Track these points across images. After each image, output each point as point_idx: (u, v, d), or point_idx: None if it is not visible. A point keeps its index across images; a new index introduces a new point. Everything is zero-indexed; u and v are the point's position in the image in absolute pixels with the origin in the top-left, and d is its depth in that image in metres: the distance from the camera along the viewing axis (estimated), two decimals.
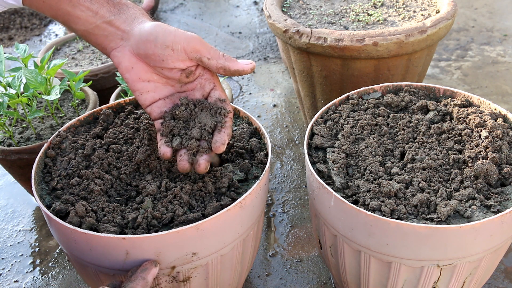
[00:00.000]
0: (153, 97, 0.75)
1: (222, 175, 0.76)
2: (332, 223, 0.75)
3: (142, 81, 0.73)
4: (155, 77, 0.73)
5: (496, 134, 0.77)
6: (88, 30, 0.71)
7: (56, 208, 0.70)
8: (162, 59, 0.70)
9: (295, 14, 1.26)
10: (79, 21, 0.70)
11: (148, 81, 0.73)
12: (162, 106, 0.76)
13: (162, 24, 0.71)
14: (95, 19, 0.70)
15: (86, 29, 0.71)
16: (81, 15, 0.70)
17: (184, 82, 0.75)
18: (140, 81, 0.73)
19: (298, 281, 1.03)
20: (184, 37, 0.69)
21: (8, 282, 1.08)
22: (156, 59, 0.70)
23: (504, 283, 1.00)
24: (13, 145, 1.06)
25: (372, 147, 0.80)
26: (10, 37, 2.26)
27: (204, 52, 0.70)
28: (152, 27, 0.70)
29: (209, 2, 2.51)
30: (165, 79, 0.74)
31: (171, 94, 0.76)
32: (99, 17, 0.70)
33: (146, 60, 0.71)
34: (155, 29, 0.70)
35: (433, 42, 1.10)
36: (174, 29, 0.70)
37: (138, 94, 0.74)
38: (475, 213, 0.68)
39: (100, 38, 0.72)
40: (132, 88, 0.74)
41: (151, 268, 0.65)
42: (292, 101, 1.65)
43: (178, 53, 0.69)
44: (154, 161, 0.78)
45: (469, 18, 2.12)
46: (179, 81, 0.74)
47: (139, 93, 0.74)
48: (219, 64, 0.71)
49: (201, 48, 0.70)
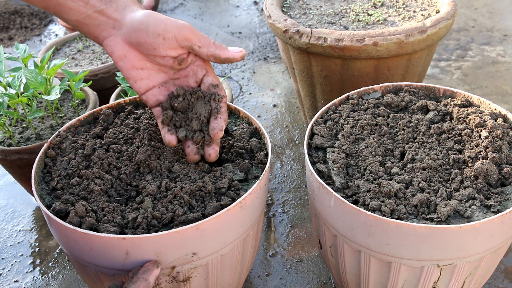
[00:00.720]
0: (147, 84, 0.76)
1: (222, 175, 0.76)
2: (332, 223, 0.75)
3: (135, 69, 0.74)
4: (149, 64, 0.74)
5: (496, 134, 0.77)
6: (79, 20, 0.72)
7: (56, 208, 0.70)
8: (154, 48, 0.71)
9: (295, 14, 1.26)
10: (71, 11, 0.71)
11: (142, 68, 0.74)
12: (157, 94, 0.77)
13: (153, 12, 0.71)
14: (86, 9, 0.71)
15: (78, 19, 0.72)
16: (72, 6, 0.71)
17: (177, 69, 0.76)
18: (133, 69, 0.74)
19: (298, 281, 1.03)
20: (175, 26, 0.70)
21: (8, 282, 1.08)
22: (148, 47, 0.71)
23: (504, 283, 1.00)
24: (13, 145, 1.06)
25: (372, 147, 0.80)
26: (10, 37, 2.26)
27: (195, 40, 0.71)
28: (143, 16, 0.71)
29: (209, 2, 2.51)
30: (158, 66, 0.75)
31: (165, 81, 0.77)
32: (90, 6, 0.71)
33: (138, 48, 0.72)
34: (146, 18, 0.70)
35: (433, 42, 1.10)
36: (165, 18, 0.71)
37: (132, 82, 0.75)
38: (475, 213, 0.68)
39: (92, 28, 0.73)
40: (127, 76, 0.75)
41: (152, 269, 0.65)
42: (292, 101, 1.65)
43: (169, 41, 0.70)
44: (154, 161, 0.78)
45: (469, 18, 2.12)
46: (172, 68, 0.75)
47: (133, 81, 0.75)
48: (209, 52, 0.72)
49: (192, 37, 0.71)
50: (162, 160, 0.79)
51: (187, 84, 0.77)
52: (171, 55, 0.72)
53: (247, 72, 1.85)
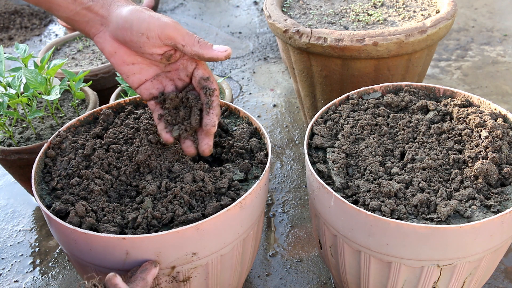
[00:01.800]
0: (139, 79, 0.77)
1: (222, 175, 0.76)
2: (332, 223, 0.75)
3: (126, 64, 0.75)
4: (139, 59, 0.75)
5: (496, 134, 0.77)
6: (70, 17, 0.73)
7: (56, 208, 0.70)
8: (139, 46, 0.71)
9: (295, 14, 1.26)
10: (61, 8, 0.72)
11: (133, 63, 0.75)
12: (150, 88, 0.78)
13: (137, 10, 0.71)
14: (75, 5, 0.72)
15: (68, 16, 0.73)
16: (62, 3, 0.72)
17: (167, 63, 0.76)
18: (124, 65, 0.75)
19: (298, 281, 1.03)
20: (157, 24, 0.70)
21: (8, 282, 1.08)
22: (134, 45, 0.72)
23: (504, 283, 1.00)
24: (13, 145, 1.06)
25: (372, 147, 0.80)
26: (10, 37, 2.26)
27: (178, 39, 0.71)
28: (128, 14, 0.71)
29: (209, 2, 2.51)
30: (149, 60, 0.76)
31: (157, 74, 0.78)
32: (78, 3, 0.72)
33: (126, 45, 0.73)
34: (130, 16, 0.71)
35: (433, 42, 1.10)
36: (149, 16, 0.70)
37: (125, 77, 0.76)
38: (475, 213, 0.68)
39: (82, 24, 0.74)
40: (119, 71, 0.76)
41: (151, 269, 0.65)
42: (292, 101, 1.65)
43: (153, 40, 0.71)
44: (154, 161, 0.78)
45: (469, 18, 2.12)
46: (161, 62, 0.76)
47: (126, 76, 0.76)
48: (193, 51, 0.72)
49: (176, 35, 0.71)
50: (162, 160, 0.79)
51: (178, 77, 0.78)
52: (156, 52, 0.72)
53: (247, 72, 1.85)
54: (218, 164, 0.83)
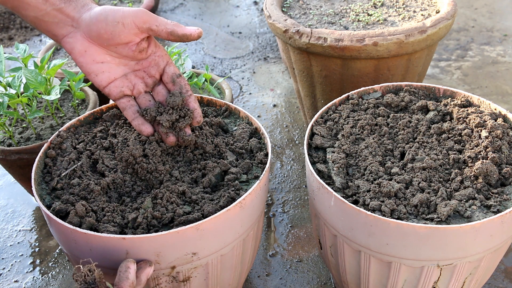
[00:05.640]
0: (108, 77, 0.77)
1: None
2: (332, 223, 0.75)
3: (96, 63, 0.75)
4: (108, 58, 0.76)
5: (496, 134, 0.77)
6: (38, 17, 0.73)
7: (56, 208, 0.70)
8: (115, 36, 0.72)
9: (295, 14, 1.26)
10: (29, 7, 0.72)
11: (102, 62, 0.76)
12: (119, 86, 0.78)
13: (109, 6, 0.74)
14: (46, 6, 0.72)
15: (36, 15, 0.73)
16: (31, 2, 0.72)
17: (138, 59, 0.77)
18: (94, 63, 0.75)
19: (298, 281, 1.03)
20: (132, 11, 0.72)
21: (8, 282, 1.08)
22: (109, 36, 0.72)
23: (504, 283, 1.00)
24: (13, 145, 1.06)
25: (372, 147, 0.80)
26: (10, 37, 2.26)
27: (152, 21, 0.73)
28: (101, 9, 0.73)
29: (209, 2, 2.51)
30: (119, 59, 0.77)
31: (126, 73, 0.79)
32: (50, 4, 0.72)
33: (99, 41, 0.74)
34: (104, 9, 0.73)
35: (433, 42, 1.10)
36: (122, 7, 0.73)
37: (94, 76, 0.76)
38: (475, 213, 0.68)
39: (51, 26, 0.74)
40: (87, 71, 0.76)
41: (145, 268, 0.65)
42: (292, 101, 1.65)
43: (129, 26, 0.72)
44: (154, 161, 0.78)
45: (469, 18, 2.12)
46: (133, 58, 0.77)
47: (94, 75, 0.76)
48: (167, 29, 0.73)
49: (149, 19, 0.73)
50: (162, 160, 0.79)
51: (149, 74, 0.79)
52: (133, 41, 0.74)
53: (247, 72, 1.85)
54: None
